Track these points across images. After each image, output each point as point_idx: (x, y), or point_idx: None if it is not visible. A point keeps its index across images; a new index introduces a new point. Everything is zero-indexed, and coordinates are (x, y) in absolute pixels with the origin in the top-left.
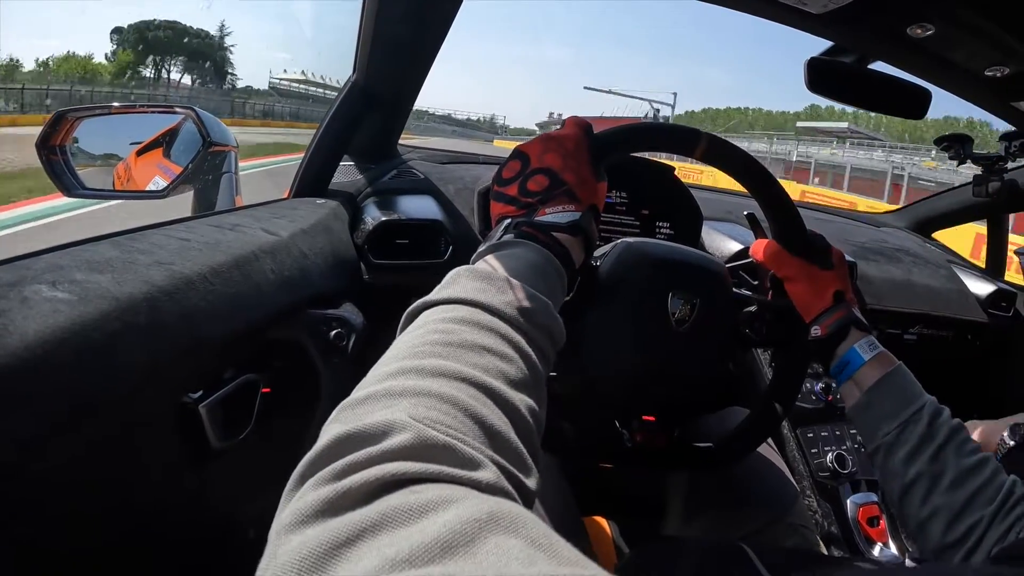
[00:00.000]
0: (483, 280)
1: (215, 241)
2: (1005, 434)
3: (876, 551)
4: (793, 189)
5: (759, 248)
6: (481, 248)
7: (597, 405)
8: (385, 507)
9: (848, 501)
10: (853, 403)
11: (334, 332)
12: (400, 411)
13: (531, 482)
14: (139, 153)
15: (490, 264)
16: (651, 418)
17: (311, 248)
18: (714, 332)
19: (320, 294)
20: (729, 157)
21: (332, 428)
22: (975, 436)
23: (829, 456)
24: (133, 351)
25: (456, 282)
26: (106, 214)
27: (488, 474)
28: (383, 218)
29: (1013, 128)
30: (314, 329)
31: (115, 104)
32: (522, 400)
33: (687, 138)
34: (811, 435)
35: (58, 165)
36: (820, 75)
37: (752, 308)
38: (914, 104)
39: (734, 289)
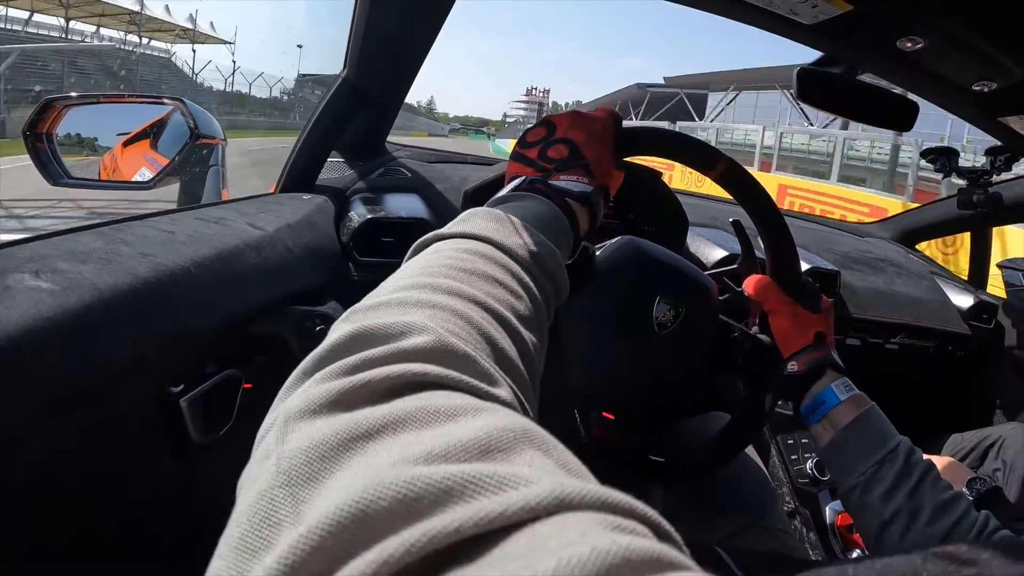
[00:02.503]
0: (498, 221)
1: (200, 234)
2: (964, 490)
3: (854, 556)
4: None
5: (751, 282)
6: (495, 197)
7: (562, 395)
8: (407, 405)
9: (827, 508)
10: (827, 441)
11: (317, 328)
12: (418, 316)
13: (534, 414)
14: (126, 144)
15: (503, 209)
16: (610, 416)
17: (296, 243)
18: (692, 343)
19: (304, 290)
20: (744, 186)
21: (341, 327)
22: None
23: (808, 463)
24: (115, 342)
25: (470, 220)
26: None
27: (504, 392)
28: (369, 215)
29: (999, 143)
30: (297, 325)
31: (104, 93)
32: (529, 337)
33: (709, 158)
34: (791, 442)
35: (44, 153)
36: (809, 85)
37: (734, 335)
38: (901, 116)
39: (721, 316)
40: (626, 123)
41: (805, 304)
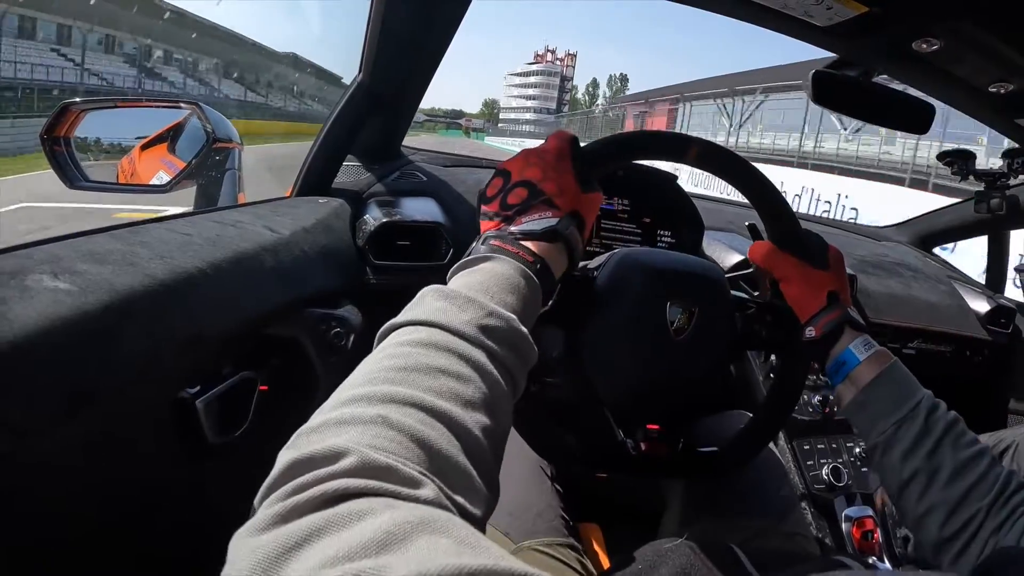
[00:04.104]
0: (445, 300)
1: (216, 237)
2: None
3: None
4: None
5: (756, 250)
6: (455, 266)
7: (602, 416)
8: (329, 515)
9: (843, 514)
10: (849, 401)
11: (333, 331)
12: (347, 438)
13: (476, 506)
14: (144, 147)
15: (458, 281)
16: (655, 427)
17: (312, 247)
18: (713, 340)
19: (319, 293)
20: (720, 159)
21: (285, 455)
22: None
23: (825, 469)
24: (132, 343)
25: (420, 303)
26: None
27: (428, 492)
28: (384, 219)
29: (1016, 145)
30: (313, 328)
31: (121, 97)
32: (476, 420)
33: (677, 144)
34: (807, 447)
35: (61, 156)
36: (825, 88)
37: (750, 310)
38: (918, 119)
39: (732, 291)
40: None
41: (812, 262)
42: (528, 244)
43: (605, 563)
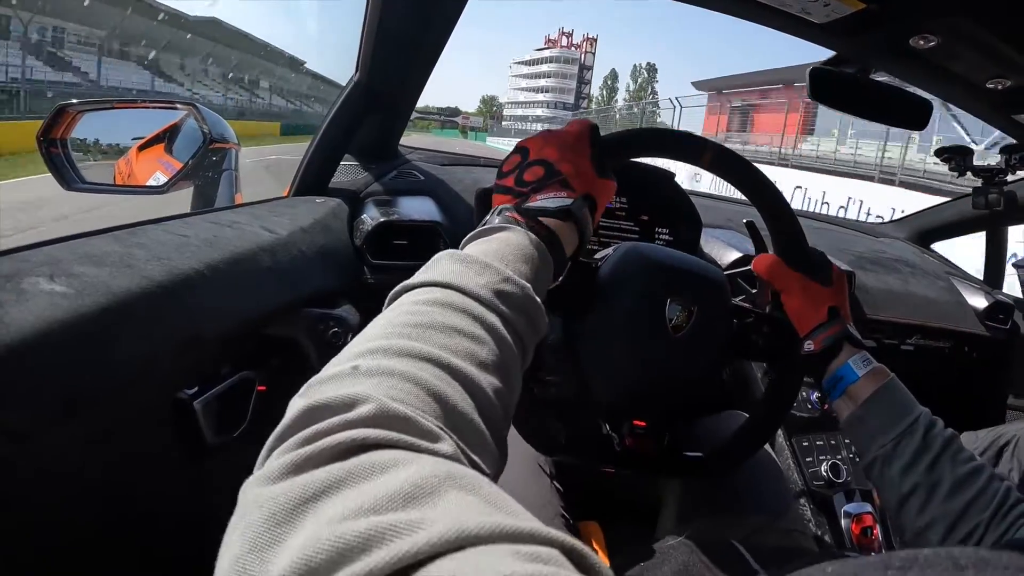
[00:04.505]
0: (462, 263)
1: (214, 238)
2: None
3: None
4: None
5: (760, 262)
6: (470, 235)
7: (590, 408)
8: (349, 466)
9: (842, 511)
10: (848, 416)
11: (331, 331)
12: (365, 387)
13: (489, 466)
14: (140, 148)
15: (473, 248)
16: (642, 423)
17: (309, 247)
18: (710, 341)
19: (317, 293)
20: (735, 168)
21: (298, 403)
22: None
23: (824, 465)
24: (129, 346)
25: (436, 265)
26: None
27: (446, 447)
28: (382, 218)
29: (1014, 140)
30: (311, 328)
31: (118, 99)
32: (489, 382)
33: (694, 147)
34: (806, 444)
35: (58, 158)
36: (822, 84)
37: (749, 319)
38: (915, 115)
39: (733, 300)
40: None
41: (815, 277)
42: (542, 219)
43: (605, 561)
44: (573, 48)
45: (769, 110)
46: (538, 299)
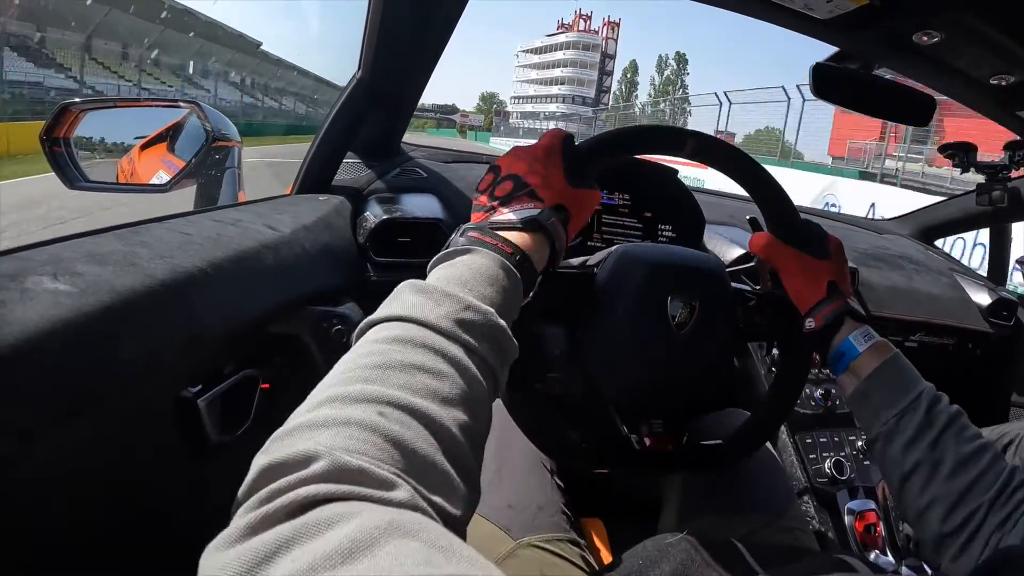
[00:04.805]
0: (422, 294)
1: (217, 236)
2: None
3: (871, 559)
4: None
5: (755, 241)
6: (434, 259)
7: (605, 411)
8: (298, 524)
9: (845, 508)
10: (851, 392)
11: (334, 329)
12: (318, 441)
13: (455, 505)
14: (143, 147)
15: (435, 275)
16: (659, 421)
17: (313, 244)
18: (715, 333)
19: (321, 290)
20: (718, 152)
21: (259, 460)
22: None
23: (827, 463)
24: (133, 344)
25: (397, 298)
26: None
27: (402, 493)
28: (385, 216)
29: (1018, 137)
30: (315, 325)
31: (120, 97)
32: (453, 418)
33: (674, 138)
34: (809, 441)
35: (61, 157)
36: (825, 80)
37: (751, 302)
38: (919, 111)
39: (732, 283)
40: None
41: (811, 252)
42: (507, 235)
43: (607, 558)
44: (602, 31)
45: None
46: (503, 323)
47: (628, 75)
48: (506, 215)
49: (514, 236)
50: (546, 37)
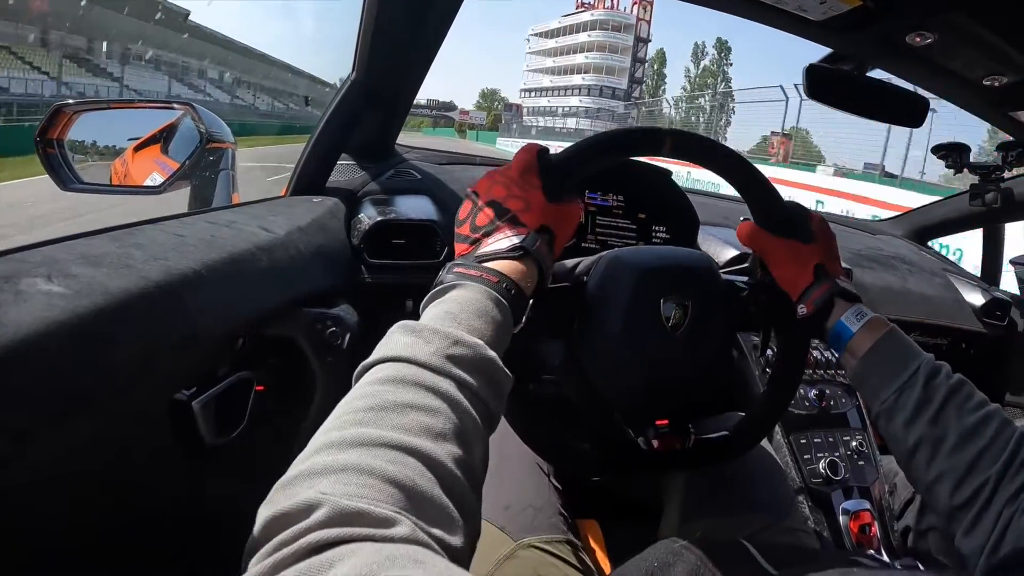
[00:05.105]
0: (412, 334)
1: (211, 238)
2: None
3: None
4: None
5: (741, 231)
6: (425, 299)
7: (609, 417)
8: (303, 567)
9: (840, 508)
10: (851, 372)
11: (329, 331)
12: (318, 489)
13: (456, 537)
14: (137, 149)
15: (427, 314)
16: (664, 422)
17: (307, 246)
18: (711, 330)
19: (315, 292)
20: (696, 146)
21: (263, 512)
22: None
23: (822, 463)
24: (127, 346)
25: (389, 340)
26: None
27: (402, 529)
28: (379, 217)
29: (1011, 138)
30: (309, 327)
31: (114, 99)
32: (448, 452)
33: (650, 138)
34: (804, 441)
35: (55, 159)
36: (818, 82)
37: (744, 293)
38: (912, 112)
39: (724, 275)
40: None
41: (796, 236)
42: (493, 265)
43: (603, 559)
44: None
45: None
46: (492, 354)
47: (655, 66)
48: (491, 246)
49: (501, 265)
50: (563, 17)
